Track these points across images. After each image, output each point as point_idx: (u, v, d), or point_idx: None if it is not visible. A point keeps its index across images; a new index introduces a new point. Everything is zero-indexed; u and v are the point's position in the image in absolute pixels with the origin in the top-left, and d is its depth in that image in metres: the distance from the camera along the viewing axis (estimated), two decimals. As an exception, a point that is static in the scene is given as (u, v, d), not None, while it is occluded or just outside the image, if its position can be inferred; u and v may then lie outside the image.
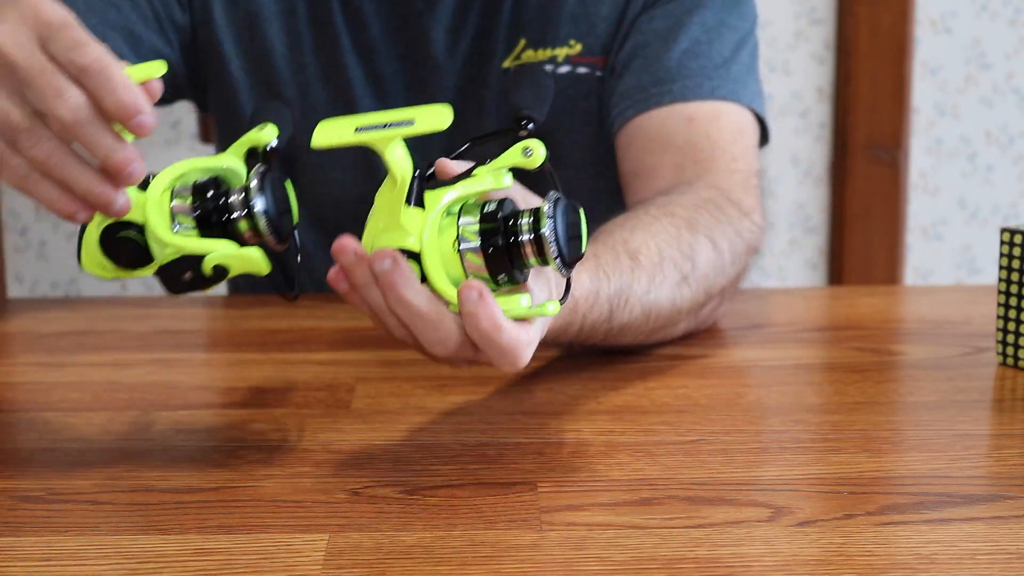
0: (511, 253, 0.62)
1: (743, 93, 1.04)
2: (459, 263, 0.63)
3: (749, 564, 0.57)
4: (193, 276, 0.64)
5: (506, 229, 0.62)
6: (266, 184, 0.65)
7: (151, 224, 0.64)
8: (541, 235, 0.62)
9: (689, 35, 1.03)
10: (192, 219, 0.65)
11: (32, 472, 0.69)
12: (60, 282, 2.06)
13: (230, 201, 0.64)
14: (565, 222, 0.63)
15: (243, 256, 0.64)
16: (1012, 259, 0.86)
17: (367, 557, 0.58)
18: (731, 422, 0.77)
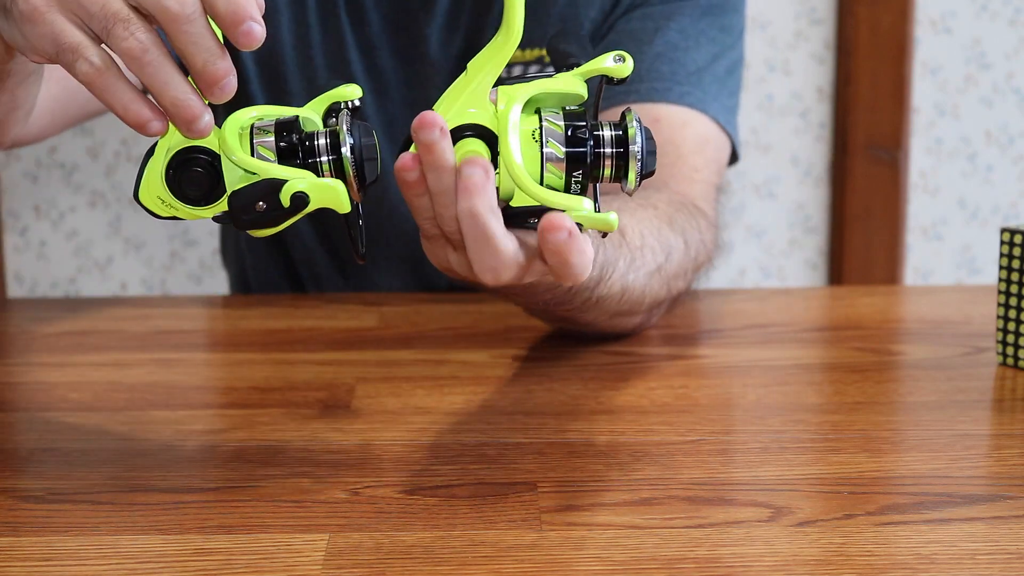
0: (594, 157, 0.60)
1: (712, 105, 1.01)
2: (538, 156, 0.60)
3: (749, 564, 0.57)
4: (267, 206, 0.60)
5: (591, 133, 0.60)
6: (355, 128, 0.61)
7: (229, 144, 0.60)
8: (629, 151, 0.60)
9: (665, 39, 1.02)
10: (273, 152, 0.60)
11: (32, 472, 0.69)
12: (60, 282, 2.06)
13: (318, 141, 0.61)
14: (647, 139, 0.61)
15: (326, 187, 0.60)
16: (1012, 259, 0.86)
17: (367, 557, 0.58)
18: (731, 422, 0.77)
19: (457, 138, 0.60)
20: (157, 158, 0.61)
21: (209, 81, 0.58)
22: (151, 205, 0.62)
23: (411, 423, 0.76)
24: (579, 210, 0.59)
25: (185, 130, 0.59)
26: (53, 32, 0.59)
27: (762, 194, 2.07)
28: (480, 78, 0.61)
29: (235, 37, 0.58)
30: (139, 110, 0.59)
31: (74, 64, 0.59)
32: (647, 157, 0.60)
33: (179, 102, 0.58)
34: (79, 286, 2.06)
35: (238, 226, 0.61)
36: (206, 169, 0.61)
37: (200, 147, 0.61)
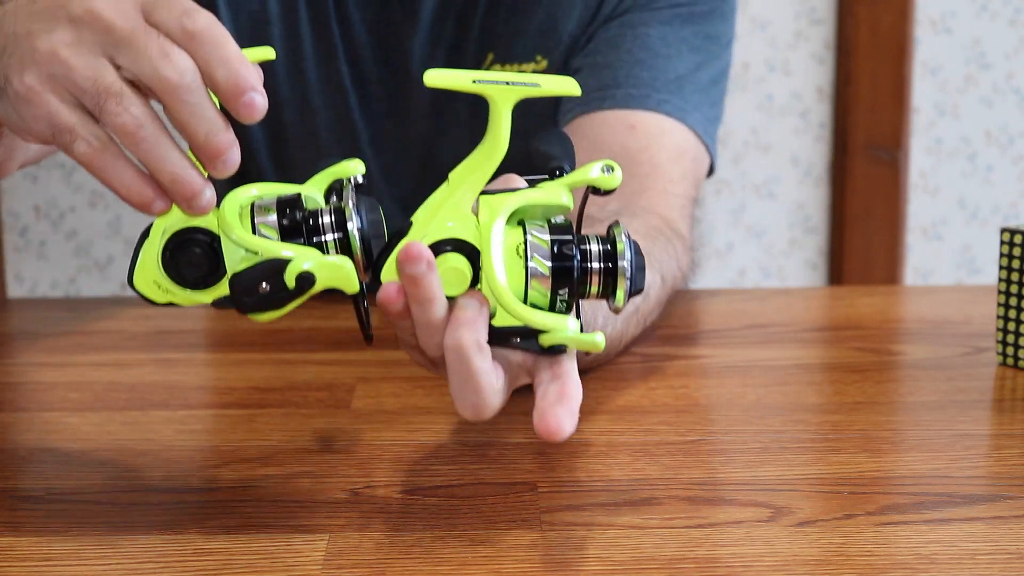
0: (581, 273, 0.58)
1: (692, 115, 0.99)
2: (522, 272, 0.57)
3: (749, 564, 0.57)
4: (271, 287, 0.56)
5: (578, 247, 0.58)
6: (362, 204, 0.58)
7: (229, 222, 0.57)
8: (619, 266, 0.57)
9: (645, 46, 0.99)
10: (275, 231, 0.57)
11: (32, 472, 0.69)
12: (60, 282, 2.06)
13: (322, 218, 0.57)
14: (636, 254, 0.59)
15: (333, 266, 0.56)
16: (1012, 259, 0.86)
17: (367, 557, 0.58)
18: (731, 422, 0.77)
19: (437, 252, 0.57)
20: (153, 240, 0.58)
21: (211, 154, 0.55)
22: (146, 291, 0.58)
23: (411, 423, 0.76)
24: (564, 331, 0.57)
25: (186, 207, 0.56)
26: (49, 113, 0.56)
27: (762, 194, 2.07)
28: (463, 190, 0.58)
29: (236, 109, 0.55)
30: (140, 190, 0.56)
31: (71, 145, 0.56)
32: (636, 274, 0.58)
33: (178, 178, 0.55)
34: (79, 286, 2.06)
35: (240, 309, 0.57)
36: (205, 250, 0.57)
37: (198, 227, 0.57)
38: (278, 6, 1.05)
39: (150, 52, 0.54)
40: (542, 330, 0.57)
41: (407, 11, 1.03)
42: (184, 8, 0.56)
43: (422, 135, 1.08)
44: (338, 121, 1.07)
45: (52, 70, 0.55)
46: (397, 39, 1.05)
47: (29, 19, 0.57)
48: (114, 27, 0.55)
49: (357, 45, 1.06)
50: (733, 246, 2.08)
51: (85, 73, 0.55)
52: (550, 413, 0.56)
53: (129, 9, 0.56)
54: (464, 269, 0.57)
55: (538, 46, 1.03)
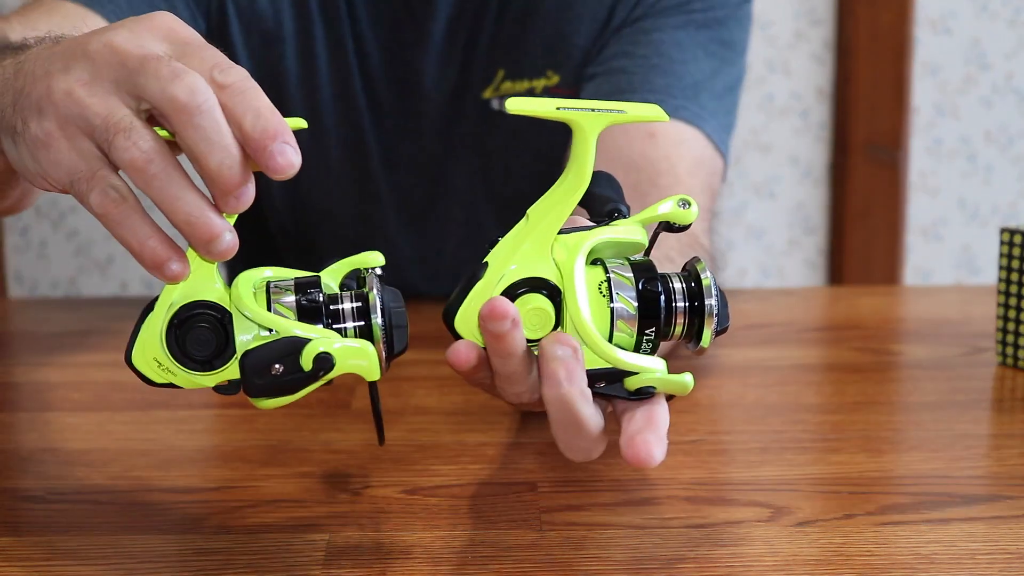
0: (667, 313, 0.55)
1: (708, 122, 0.97)
2: (607, 312, 0.54)
3: (749, 564, 0.57)
4: (285, 369, 0.51)
5: (678, 288, 0.55)
6: (385, 293, 0.55)
7: (243, 298, 0.52)
8: (705, 306, 0.55)
9: (660, 52, 0.98)
10: (293, 312, 0.53)
11: (32, 472, 0.69)
12: (60, 282, 2.06)
13: (343, 304, 0.54)
14: (719, 291, 0.56)
15: (355, 350, 0.52)
16: (1012, 259, 0.86)
17: (367, 557, 0.58)
18: (731, 422, 0.77)
19: (518, 294, 0.54)
20: (157, 314, 0.53)
21: (225, 187, 0.51)
22: (145, 369, 0.54)
23: (411, 423, 0.76)
24: (653, 372, 0.54)
25: (204, 252, 0.52)
26: (67, 160, 0.53)
27: (762, 194, 2.07)
28: (544, 226, 0.55)
29: (265, 160, 0.50)
30: (156, 248, 0.52)
31: (87, 196, 0.52)
32: (722, 311, 0.55)
33: (194, 219, 0.51)
34: (79, 286, 2.06)
35: (250, 392, 0.52)
36: (214, 326, 0.53)
37: (208, 302, 0.53)
38: (293, 24, 1.04)
39: (160, 74, 0.51)
40: (630, 372, 0.54)
41: (419, 30, 1.03)
42: (216, 61, 0.52)
43: (432, 154, 1.08)
44: (350, 140, 1.07)
45: (68, 111, 0.53)
46: (409, 58, 1.05)
47: (49, 60, 0.54)
48: (129, 56, 0.52)
49: (371, 65, 1.05)
50: (733, 246, 2.08)
51: (96, 110, 0.52)
52: (639, 439, 0.53)
53: (150, 45, 0.53)
54: (548, 310, 0.54)
55: (548, 61, 1.03)
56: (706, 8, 1.00)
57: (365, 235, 1.10)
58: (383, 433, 0.56)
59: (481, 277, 0.55)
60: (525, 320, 0.54)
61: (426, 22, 1.02)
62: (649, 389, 0.54)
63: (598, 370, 0.54)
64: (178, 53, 0.53)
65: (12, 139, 0.55)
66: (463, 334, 0.55)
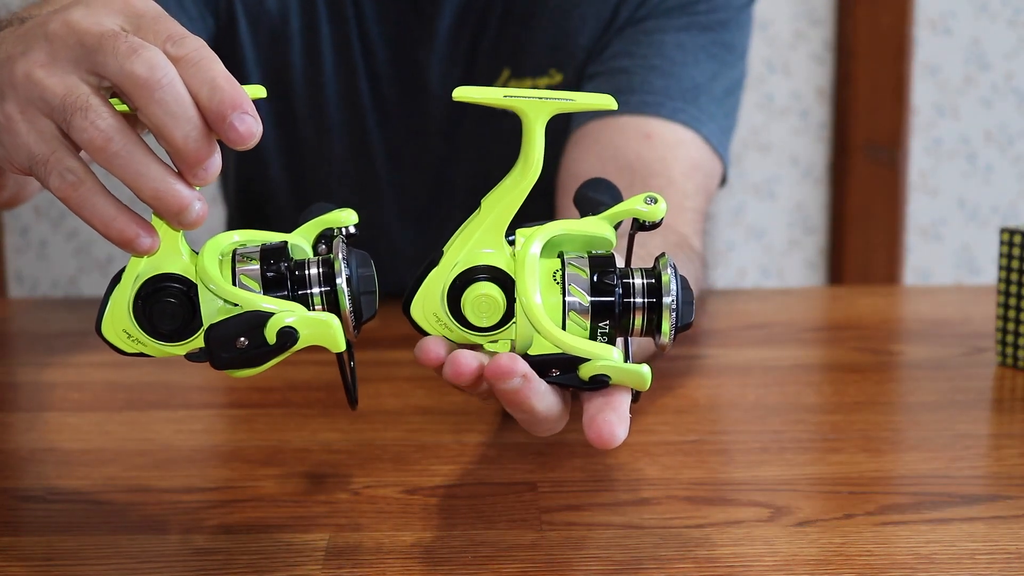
0: (623, 308, 0.54)
1: (706, 124, 0.97)
2: (559, 303, 0.54)
3: (749, 564, 0.57)
4: (250, 342, 0.52)
5: (620, 280, 0.55)
6: (352, 257, 0.55)
7: (207, 271, 0.52)
8: (663, 302, 0.54)
9: (661, 53, 0.98)
10: (257, 282, 0.53)
11: (32, 472, 0.69)
12: (60, 282, 2.06)
13: (309, 270, 0.54)
14: (683, 288, 0.55)
15: (318, 322, 0.52)
16: (1012, 259, 0.86)
17: (367, 557, 0.58)
18: (731, 422, 0.77)
19: (468, 281, 0.55)
20: (124, 285, 0.54)
21: (192, 160, 0.50)
22: (115, 339, 0.55)
23: (411, 423, 0.76)
24: (607, 360, 0.53)
25: (175, 223, 0.52)
26: (25, 143, 0.52)
27: (762, 194, 2.07)
28: (495, 215, 0.55)
29: (224, 131, 0.50)
30: (122, 226, 0.52)
31: (46, 179, 0.52)
32: (683, 308, 0.55)
33: (160, 191, 0.51)
34: (79, 286, 2.06)
35: (216, 364, 0.53)
36: (180, 300, 0.53)
37: (173, 275, 0.53)
38: (299, 21, 1.04)
39: (118, 50, 0.50)
40: (582, 359, 0.53)
41: (425, 28, 1.03)
42: (169, 32, 0.52)
43: (437, 154, 1.08)
44: (354, 137, 1.07)
45: (28, 94, 0.52)
46: (415, 57, 1.05)
47: (12, 43, 0.54)
48: (86, 34, 0.51)
49: (377, 63, 1.05)
50: (733, 246, 2.08)
51: (55, 90, 0.51)
52: (599, 419, 0.52)
53: (107, 21, 0.52)
54: (498, 297, 0.54)
55: (551, 60, 1.02)
56: (709, 10, 1.00)
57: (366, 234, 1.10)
58: (354, 398, 0.57)
59: (436, 264, 0.56)
60: (475, 307, 0.55)
61: (432, 20, 1.02)
62: (603, 377, 0.53)
63: (549, 356, 0.54)
64: (133, 27, 0.52)
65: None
66: (419, 322, 0.56)
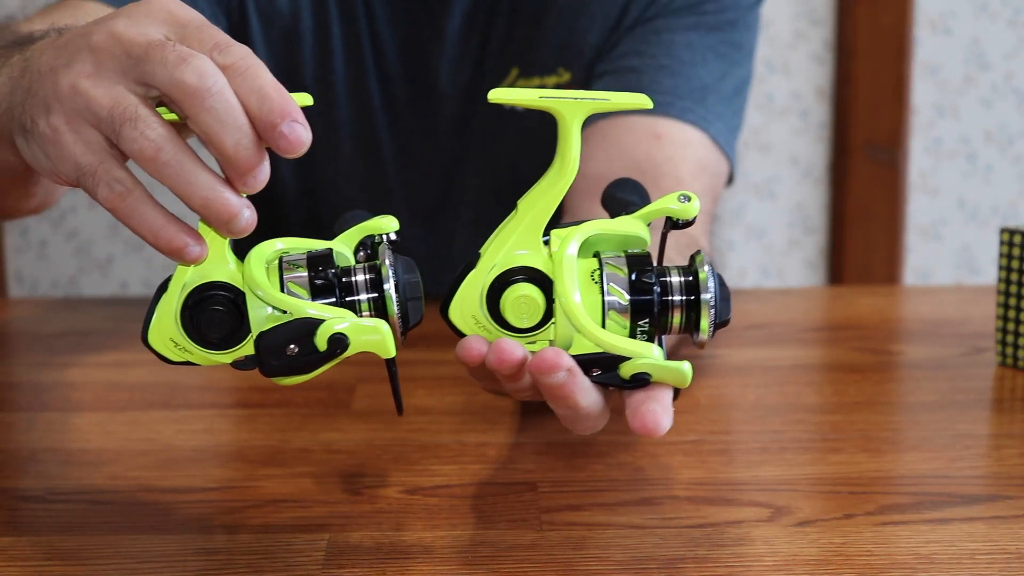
0: (662, 306, 0.54)
1: (714, 124, 0.97)
2: (599, 302, 0.54)
3: (749, 564, 0.57)
4: (300, 350, 0.52)
5: (658, 279, 0.55)
6: (398, 263, 0.55)
7: (255, 278, 0.53)
8: (702, 299, 0.54)
9: (670, 53, 0.98)
10: (306, 289, 0.53)
11: (32, 472, 0.69)
12: (60, 282, 2.06)
13: (356, 277, 0.54)
14: (720, 285, 0.55)
15: (369, 328, 0.52)
16: (1012, 259, 0.86)
17: (367, 557, 0.58)
18: (731, 422, 0.77)
19: (507, 283, 0.55)
20: (171, 295, 0.54)
21: (242, 168, 0.51)
22: (161, 348, 0.54)
23: (411, 423, 0.76)
24: (648, 357, 0.53)
25: (224, 231, 0.52)
26: (73, 155, 0.53)
27: (762, 194, 2.07)
28: (532, 216, 0.55)
29: (274, 140, 0.51)
30: (172, 235, 0.52)
31: (95, 190, 0.52)
32: (721, 305, 0.55)
33: (210, 200, 0.51)
34: (79, 286, 2.06)
35: (266, 372, 0.53)
36: (228, 308, 0.53)
37: (221, 283, 0.53)
38: (311, 20, 1.04)
39: (167, 59, 0.51)
40: (623, 357, 0.53)
41: (435, 28, 1.03)
42: (215, 40, 0.52)
43: (446, 152, 1.08)
44: (363, 136, 1.07)
45: (74, 106, 0.53)
46: (425, 56, 1.05)
47: (53, 55, 0.54)
48: (133, 44, 0.52)
49: (387, 63, 1.05)
50: (733, 246, 2.08)
51: (102, 102, 0.52)
52: (643, 409, 0.52)
53: (152, 30, 0.52)
54: (537, 298, 0.54)
55: (560, 59, 1.03)
56: (718, 10, 1.00)
57: None
58: (401, 404, 0.57)
59: (474, 266, 0.55)
60: (514, 308, 0.55)
61: (441, 19, 1.03)
62: (644, 375, 0.53)
63: (591, 355, 0.54)
64: (178, 36, 0.52)
65: (24, 137, 0.56)
66: (458, 324, 0.56)
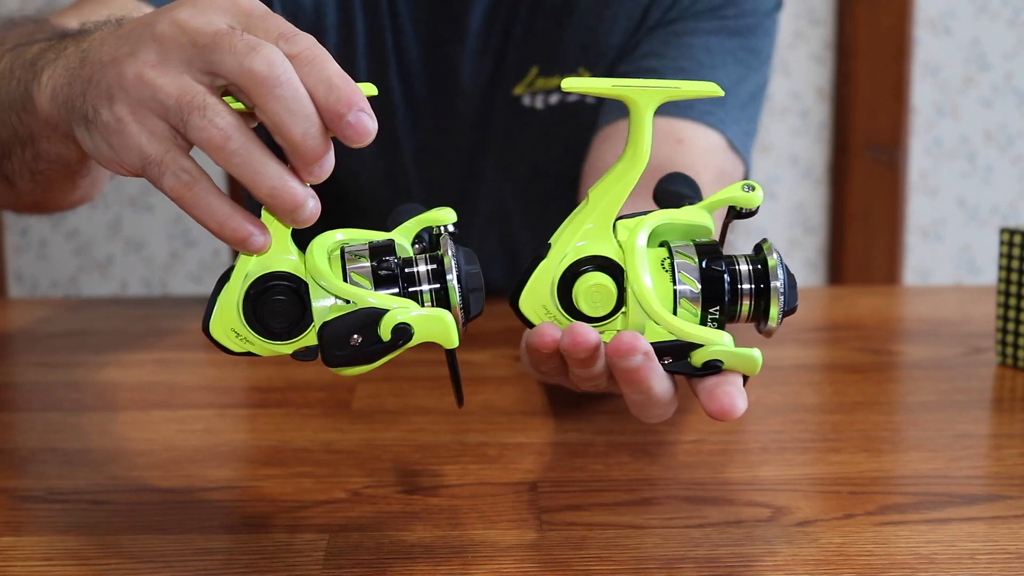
0: (732, 294, 0.55)
1: (732, 127, 0.99)
2: (670, 290, 0.54)
3: (749, 564, 0.57)
4: (363, 339, 0.52)
5: (728, 267, 0.55)
6: (460, 255, 0.54)
7: (319, 268, 0.53)
8: (771, 287, 0.54)
9: (690, 56, 0.99)
10: (368, 279, 0.53)
11: (32, 472, 0.69)
12: (60, 282, 2.06)
13: (418, 267, 0.54)
14: (787, 273, 0.55)
15: (434, 319, 0.52)
16: (1012, 259, 0.86)
17: (367, 557, 0.58)
18: (731, 422, 0.77)
19: (579, 273, 0.55)
20: (233, 285, 0.53)
21: (309, 157, 0.51)
22: (223, 339, 0.54)
23: (411, 423, 0.76)
24: (720, 344, 0.53)
25: (289, 221, 0.53)
26: (138, 144, 0.53)
27: (762, 194, 2.07)
28: (604, 205, 0.55)
29: (341, 129, 0.51)
30: (237, 225, 0.52)
31: (160, 179, 0.53)
32: (789, 292, 0.55)
33: (277, 189, 0.51)
34: (79, 286, 2.06)
35: (329, 362, 0.53)
36: (290, 297, 0.53)
37: (283, 273, 0.53)
38: (335, 16, 1.04)
39: (236, 48, 0.51)
40: (695, 344, 0.54)
41: (456, 23, 1.04)
42: (281, 30, 0.52)
43: (465, 147, 1.08)
44: (383, 132, 1.07)
45: (140, 95, 0.53)
46: (446, 53, 1.05)
47: (116, 44, 0.55)
48: (200, 33, 0.52)
49: (408, 59, 1.06)
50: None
51: (169, 91, 0.52)
52: (719, 391, 0.53)
53: (217, 20, 0.53)
54: (610, 287, 0.55)
55: (581, 58, 1.04)
56: (738, 15, 1.01)
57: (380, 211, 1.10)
58: (462, 396, 0.57)
59: (544, 257, 0.56)
60: (587, 297, 0.55)
61: (463, 16, 1.03)
62: (716, 362, 0.54)
63: (663, 343, 0.54)
64: (243, 25, 0.52)
65: (85, 127, 0.56)
66: (528, 315, 0.56)
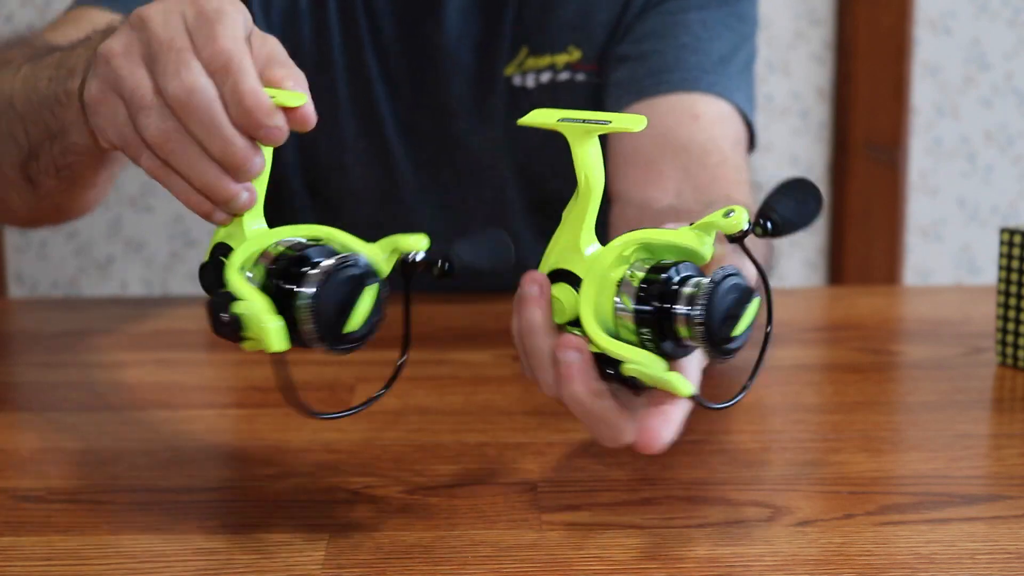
0: (661, 316, 0.55)
1: (736, 94, 1.02)
2: (611, 306, 0.56)
3: (749, 564, 0.57)
4: (227, 319, 0.55)
5: (666, 290, 0.55)
6: (333, 276, 0.55)
7: (232, 279, 0.56)
8: (691, 313, 0.54)
9: (688, 31, 1.02)
10: (264, 270, 0.56)
11: (32, 472, 0.69)
12: (60, 282, 2.06)
13: (300, 270, 0.55)
14: (725, 303, 0.55)
15: (258, 316, 0.54)
16: (1012, 259, 0.86)
17: (367, 557, 0.58)
18: (731, 422, 0.77)
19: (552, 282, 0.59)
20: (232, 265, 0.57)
21: (230, 167, 0.56)
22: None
23: (411, 423, 0.76)
24: (637, 363, 0.55)
25: (226, 210, 0.57)
26: (114, 124, 0.59)
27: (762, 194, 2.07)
28: (568, 226, 0.59)
29: (257, 138, 0.56)
30: (198, 200, 0.57)
31: (138, 158, 0.58)
32: (720, 325, 0.55)
33: (211, 186, 0.56)
34: (79, 286, 2.06)
35: (213, 330, 0.56)
36: (218, 263, 0.58)
37: (224, 245, 0.58)
38: (308, 1, 1.05)
39: (167, 68, 0.55)
40: (621, 359, 0.55)
41: (432, 2, 1.04)
42: (213, 42, 0.56)
43: (450, 126, 1.09)
44: (364, 113, 1.08)
45: (106, 75, 0.58)
46: (424, 31, 1.06)
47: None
48: (154, 36, 0.56)
49: (384, 37, 1.07)
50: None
51: (127, 83, 0.57)
52: (646, 423, 0.55)
53: (174, 21, 0.57)
54: (571, 298, 0.58)
55: (571, 37, 1.05)
56: None
57: (386, 210, 1.11)
58: (300, 406, 0.59)
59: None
60: (553, 305, 0.58)
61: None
62: (634, 380, 0.56)
63: (600, 355, 0.57)
64: (193, 26, 0.56)
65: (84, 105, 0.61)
66: None
